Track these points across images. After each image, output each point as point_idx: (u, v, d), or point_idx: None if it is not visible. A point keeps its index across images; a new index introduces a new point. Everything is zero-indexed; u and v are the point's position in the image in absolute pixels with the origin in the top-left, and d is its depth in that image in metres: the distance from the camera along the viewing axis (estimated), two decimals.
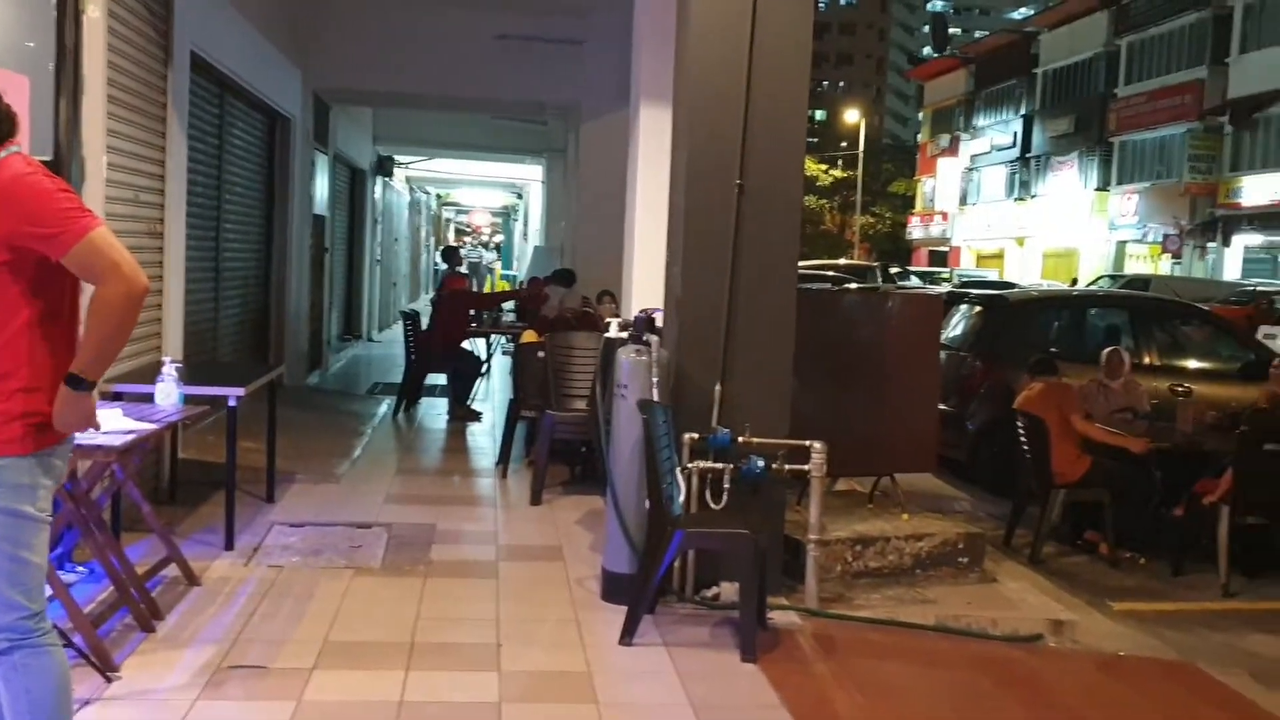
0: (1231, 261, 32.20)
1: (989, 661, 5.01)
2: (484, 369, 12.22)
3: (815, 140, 54.97)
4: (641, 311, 5.57)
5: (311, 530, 6.30)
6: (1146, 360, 9.43)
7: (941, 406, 7.42)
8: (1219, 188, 32.04)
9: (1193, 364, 9.79)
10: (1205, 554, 6.75)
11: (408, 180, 24.72)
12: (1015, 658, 5.08)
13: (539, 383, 7.91)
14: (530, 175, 22.78)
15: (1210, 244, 32.70)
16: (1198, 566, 6.81)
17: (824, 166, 56.60)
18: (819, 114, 65.02)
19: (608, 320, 6.66)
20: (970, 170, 47.36)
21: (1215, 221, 32.28)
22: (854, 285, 20.00)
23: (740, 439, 5.28)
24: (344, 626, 4.80)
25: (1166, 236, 33.52)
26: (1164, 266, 33.46)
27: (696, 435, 5.33)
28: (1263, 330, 18.13)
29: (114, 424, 4.47)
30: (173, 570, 5.18)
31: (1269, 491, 6.67)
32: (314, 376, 13.40)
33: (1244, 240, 31.88)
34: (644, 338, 5.31)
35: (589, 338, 7.71)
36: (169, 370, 5.29)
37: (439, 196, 33.81)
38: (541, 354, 7.91)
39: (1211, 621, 6.06)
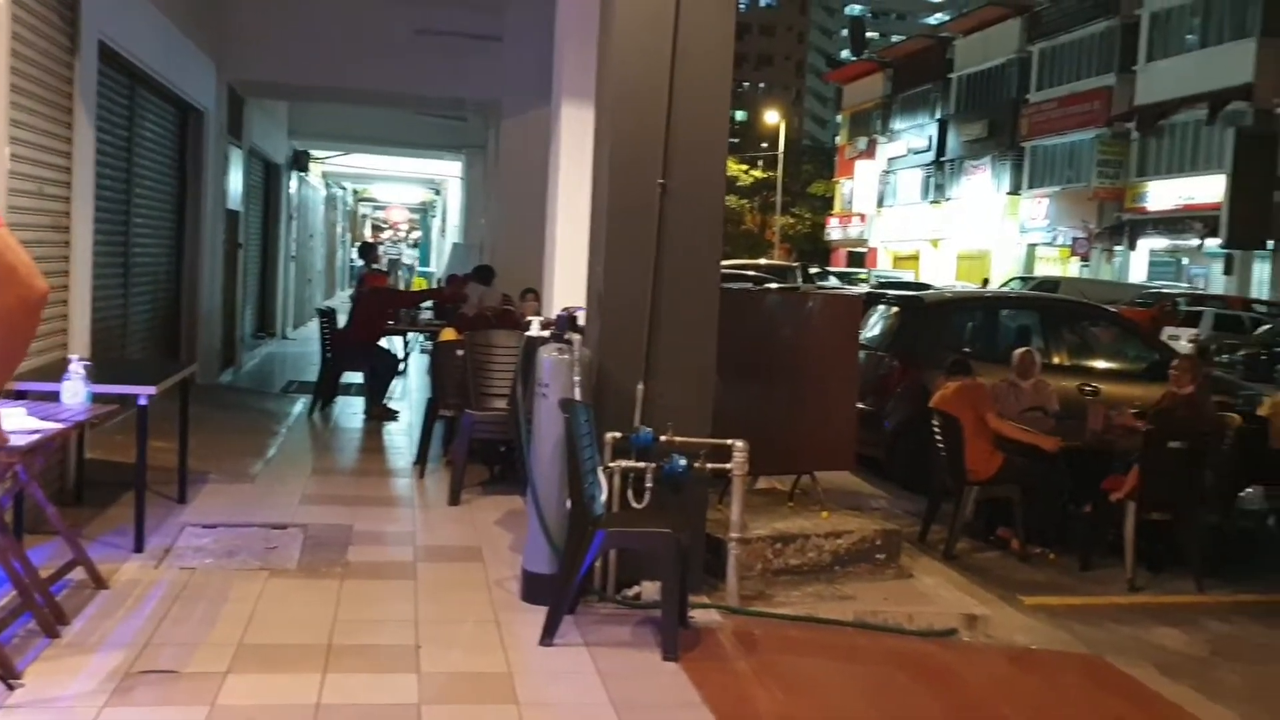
0: (1138, 264, 33.17)
1: (905, 656, 5.09)
2: (401, 367, 12.08)
3: (736, 141, 55.41)
4: (563, 310, 5.54)
5: (225, 531, 6.16)
6: (1056, 360, 9.66)
7: (859, 405, 7.52)
8: (1126, 192, 32.98)
9: (1100, 364, 10.06)
10: (1112, 549, 6.94)
11: (324, 175, 24.35)
12: (930, 652, 5.16)
13: (458, 381, 7.85)
14: (449, 171, 22.58)
15: (1117, 247, 33.65)
16: (1105, 561, 6.99)
17: (744, 167, 57.04)
18: (739, 115, 65.50)
19: (528, 318, 6.63)
20: (887, 173, 48.15)
21: (1122, 225, 33.22)
22: (775, 285, 20.18)
23: (663, 438, 5.29)
24: (259, 629, 4.71)
25: (1075, 239, 34.43)
26: (1073, 269, 34.36)
27: (619, 434, 5.33)
28: (1166, 331, 18.74)
29: (18, 423, 4.33)
30: (79, 574, 5.03)
31: (1172, 488, 6.87)
32: (227, 374, 13.13)
33: (1149, 244, 32.86)
34: (566, 336, 5.29)
35: (509, 336, 7.66)
36: (76, 368, 5.13)
37: (356, 192, 33.37)
38: (460, 352, 7.85)
39: (1118, 615, 6.22)
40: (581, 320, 5.72)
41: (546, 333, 5.49)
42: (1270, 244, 27.93)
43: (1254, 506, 8.33)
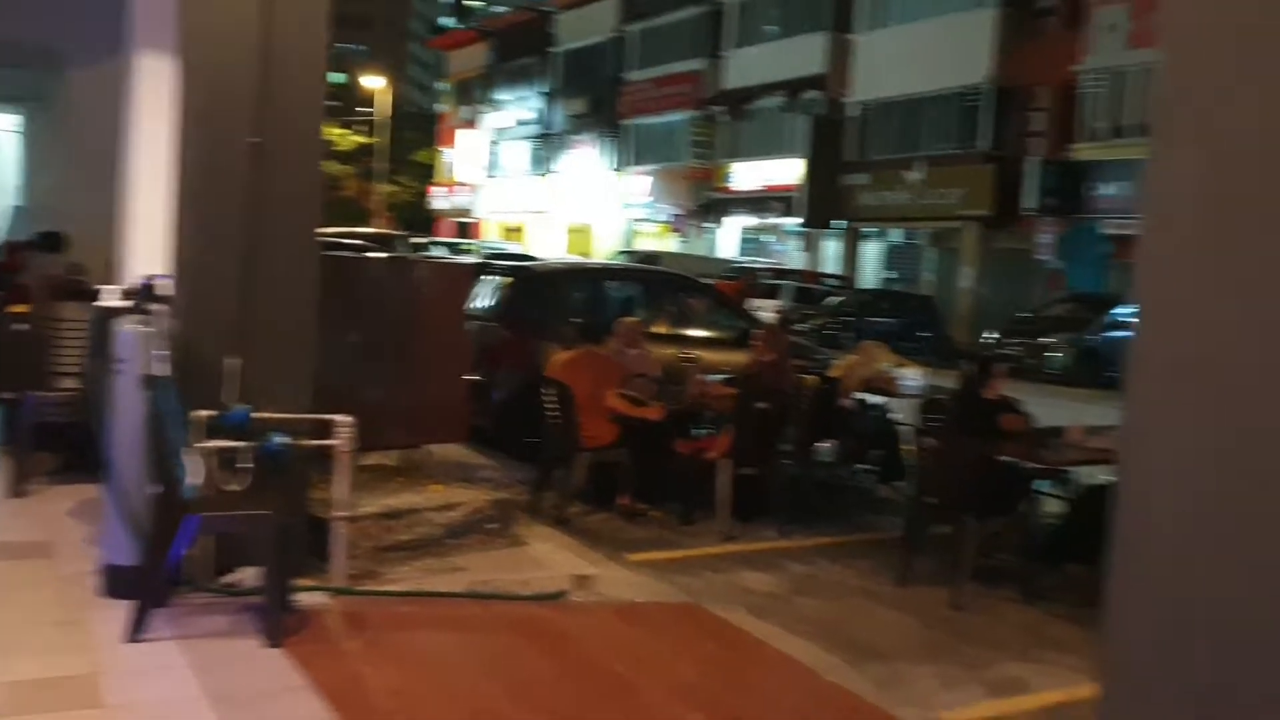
0: (728, 240, 35.54)
1: (518, 621, 5.14)
2: None
3: (336, 104, 53.25)
4: (143, 278, 5.06)
5: None
6: (658, 329, 10.11)
7: (471, 376, 7.49)
8: (716, 172, 35.21)
9: (697, 333, 10.65)
10: (709, 504, 7.37)
11: None
12: (542, 615, 5.25)
13: (17, 359, 7.00)
14: (1, 125, 20.12)
15: (709, 224, 35.88)
16: (705, 515, 7.41)
17: (344, 131, 55.13)
18: (338, 78, 63.07)
19: (100, 288, 6.01)
20: (494, 143, 48.48)
21: (713, 203, 35.44)
22: (380, 255, 19.65)
23: (259, 415, 4.98)
24: None
25: (674, 216, 36.37)
26: (671, 244, 36.26)
27: (211, 412, 4.96)
28: (751, 303, 20.20)
29: None
30: None
31: (760, 445, 7.40)
32: None
33: (737, 221, 35.29)
34: (146, 307, 4.84)
35: (80, 308, 6.93)
36: None
37: None
38: (21, 326, 7.02)
39: (714, 564, 6.63)
40: (165, 289, 5.26)
41: (125, 304, 5.00)
42: (842, 223, 30.82)
43: (827, 459, 9.16)
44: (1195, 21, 0.81)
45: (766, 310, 20.08)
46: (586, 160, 41.58)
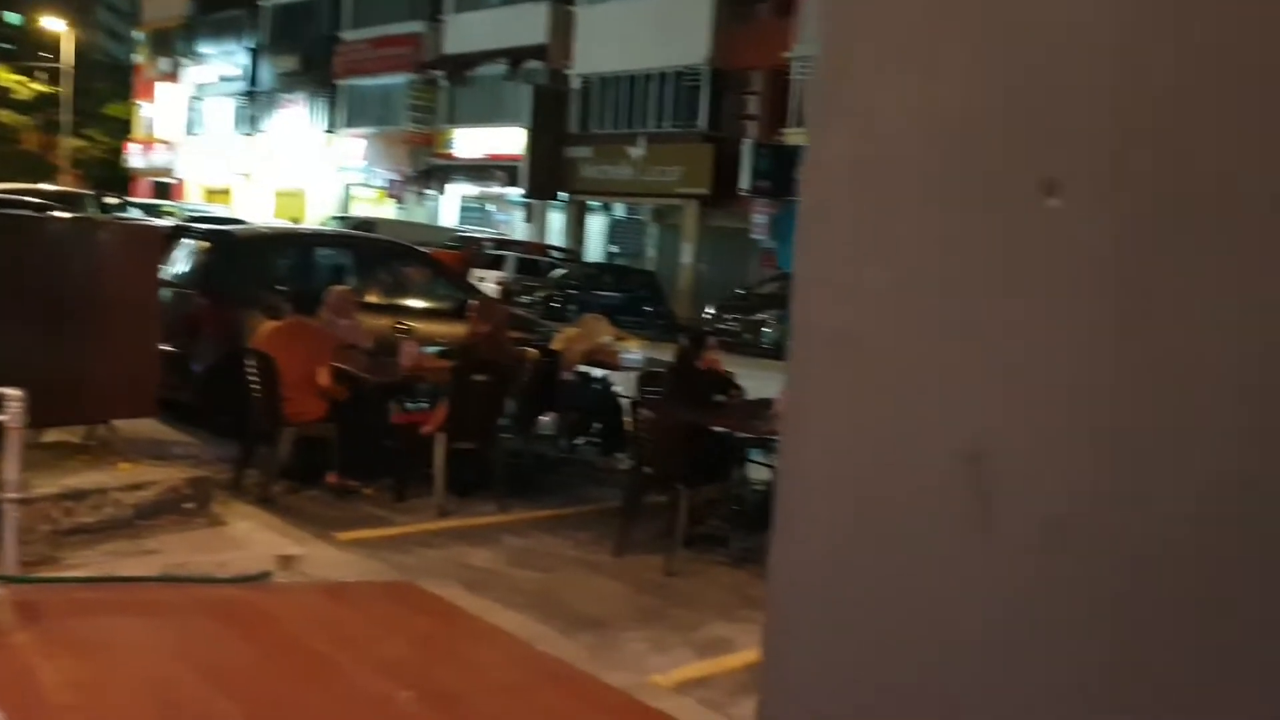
0: (449, 208, 35.02)
1: (216, 604, 4.85)
2: None
3: (11, 47, 48.13)
4: None
5: None
6: (371, 299, 9.79)
7: (165, 347, 6.99)
8: (436, 138, 34.56)
9: (413, 303, 10.40)
10: (425, 479, 7.22)
11: None
12: (243, 597, 4.97)
13: None
14: None
15: (429, 191, 35.21)
16: (418, 492, 7.26)
17: (20, 78, 50.15)
18: (14, 17, 57.14)
19: None
20: (196, 99, 45.60)
21: (433, 170, 34.80)
22: (63, 215, 18.09)
23: None
24: None
25: (391, 182, 35.44)
26: (389, 210, 35.34)
27: None
28: (475, 273, 20.02)
29: None
30: None
31: (478, 419, 7.32)
32: None
33: (459, 189, 34.81)
34: None
35: None
36: None
37: None
38: None
39: (429, 541, 6.51)
40: None
41: None
42: (565, 196, 30.97)
43: (549, 432, 9.20)
44: (853, 3, 0.82)
45: (490, 281, 19.97)
46: (297, 121, 39.81)
